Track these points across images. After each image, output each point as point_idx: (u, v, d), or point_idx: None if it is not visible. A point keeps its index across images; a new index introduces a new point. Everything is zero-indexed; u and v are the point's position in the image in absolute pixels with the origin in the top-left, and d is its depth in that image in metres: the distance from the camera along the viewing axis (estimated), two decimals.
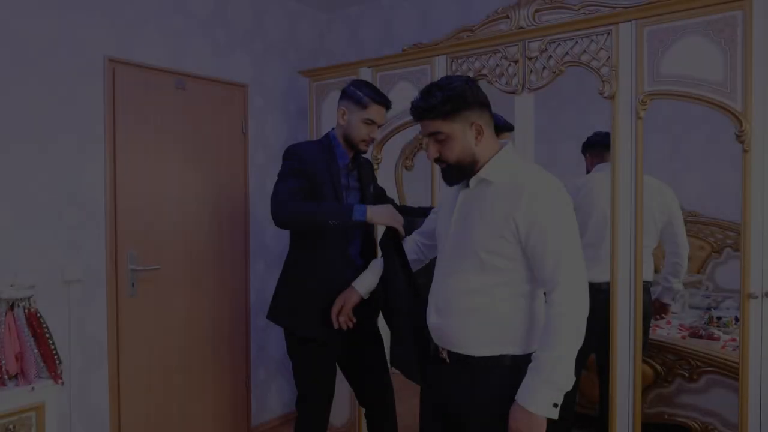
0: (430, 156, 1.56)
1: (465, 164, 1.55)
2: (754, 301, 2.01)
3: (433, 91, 1.51)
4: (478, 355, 1.54)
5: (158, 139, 2.87)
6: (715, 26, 2.06)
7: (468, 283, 1.54)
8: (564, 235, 1.46)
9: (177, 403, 2.97)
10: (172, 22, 2.93)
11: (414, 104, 1.54)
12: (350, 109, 2.22)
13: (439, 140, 1.53)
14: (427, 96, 1.51)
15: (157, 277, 2.87)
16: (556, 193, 1.49)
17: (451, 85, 1.51)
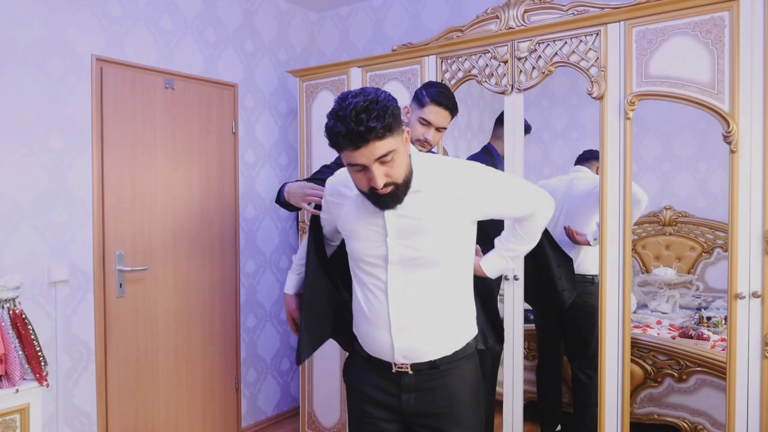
0: (380, 183, 1.34)
1: (408, 180, 1.42)
2: (742, 302, 2.01)
3: (369, 108, 1.28)
4: (448, 353, 1.55)
5: (147, 139, 2.85)
6: (702, 27, 2.07)
7: (432, 294, 1.51)
8: (506, 177, 1.60)
9: (165, 405, 2.95)
10: (161, 22, 2.91)
11: (358, 129, 1.28)
12: (412, 107, 2.09)
13: (385, 162, 1.33)
14: (367, 113, 1.28)
15: (145, 277, 2.85)
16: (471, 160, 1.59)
17: (381, 95, 1.32)
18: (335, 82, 3.05)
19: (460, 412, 1.55)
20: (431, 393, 1.54)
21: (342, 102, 1.32)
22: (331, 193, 1.61)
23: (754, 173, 1.99)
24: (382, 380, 1.57)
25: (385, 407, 1.57)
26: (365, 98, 1.30)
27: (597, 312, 2.64)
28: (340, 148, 1.34)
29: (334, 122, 1.31)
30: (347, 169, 1.41)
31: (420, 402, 1.54)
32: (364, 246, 1.51)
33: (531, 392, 3.23)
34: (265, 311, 3.50)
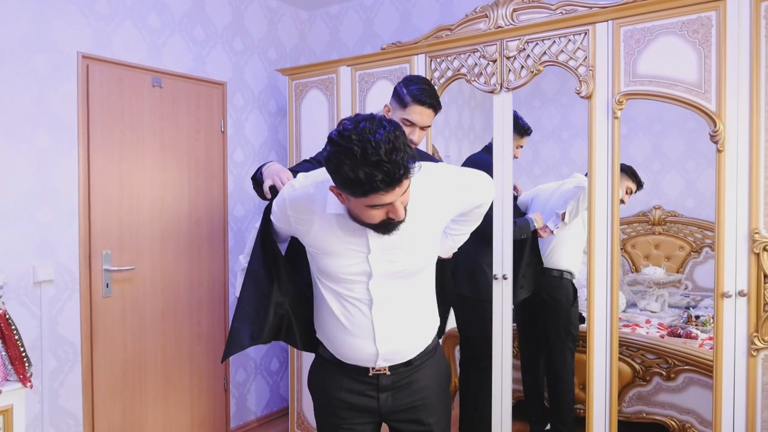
0: (402, 214, 1.30)
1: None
2: (728, 300, 2.02)
3: (397, 143, 1.18)
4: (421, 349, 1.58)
5: (134, 137, 2.83)
6: (690, 27, 2.08)
7: (413, 299, 1.53)
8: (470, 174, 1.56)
9: (153, 406, 2.93)
10: (149, 19, 2.89)
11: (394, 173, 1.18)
12: (393, 106, 1.97)
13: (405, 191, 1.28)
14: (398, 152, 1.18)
15: (132, 277, 2.83)
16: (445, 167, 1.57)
17: (385, 124, 1.21)
18: (324, 81, 3.04)
19: (433, 401, 1.60)
20: (407, 388, 1.56)
21: (364, 143, 1.16)
22: (295, 209, 1.44)
23: (741, 172, 2.00)
24: (358, 384, 1.55)
25: (363, 410, 1.57)
26: (386, 133, 1.17)
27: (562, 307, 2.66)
28: (367, 193, 1.20)
29: (370, 170, 1.16)
30: (356, 206, 1.28)
31: (396, 399, 1.56)
32: (342, 263, 1.44)
33: (517, 391, 3.24)
34: None
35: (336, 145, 1.19)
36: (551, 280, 2.89)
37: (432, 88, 1.96)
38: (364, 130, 1.17)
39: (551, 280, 2.89)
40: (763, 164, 1.96)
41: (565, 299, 2.90)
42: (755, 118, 1.97)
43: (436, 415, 1.61)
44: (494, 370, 2.54)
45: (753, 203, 1.98)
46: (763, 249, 1.96)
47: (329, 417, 1.61)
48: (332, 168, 1.22)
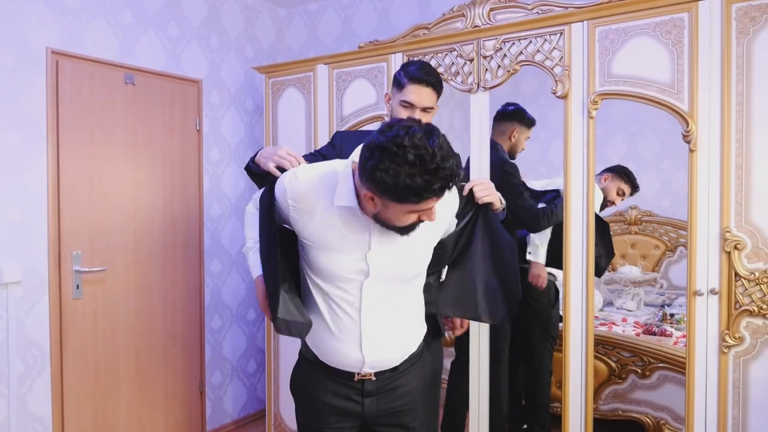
0: (434, 219, 1.32)
1: None
2: (700, 299, 2.05)
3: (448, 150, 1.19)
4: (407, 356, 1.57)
5: (106, 135, 2.77)
6: (663, 28, 2.10)
7: (403, 306, 1.53)
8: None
9: (126, 410, 2.87)
10: (121, 15, 2.83)
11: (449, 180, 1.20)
12: (393, 92, 1.90)
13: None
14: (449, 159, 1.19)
15: (104, 278, 2.76)
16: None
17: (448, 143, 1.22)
18: (301, 80, 3.01)
19: (417, 405, 1.59)
20: (392, 393, 1.55)
21: (420, 150, 1.15)
22: (295, 199, 1.42)
23: (712, 172, 2.02)
24: (342, 387, 1.53)
25: (347, 414, 1.55)
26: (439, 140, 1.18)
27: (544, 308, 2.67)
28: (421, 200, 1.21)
29: (429, 177, 1.16)
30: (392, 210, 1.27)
31: (381, 404, 1.54)
32: (339, 259, 1.41)
33: None
34: (231, 312, 3.44)
35: (387, 152, 1.16)
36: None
37: (432, 68, 1.89)
38: (415, 136, 1.16)
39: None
40: (734, 164, 1.99)
41: (546, 301, 2.90)
42: (726, 119, 1.99)
43: (420, 419, 1.60)
44: (471, 369, 2.54)
45: (724, 202, 2.01)
46: (734, 247, 1.99)
47: (312, 420, 1.58)
48: (381, 176, 1.17)
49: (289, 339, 3.09)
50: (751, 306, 1.98)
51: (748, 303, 1.98)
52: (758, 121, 1.96)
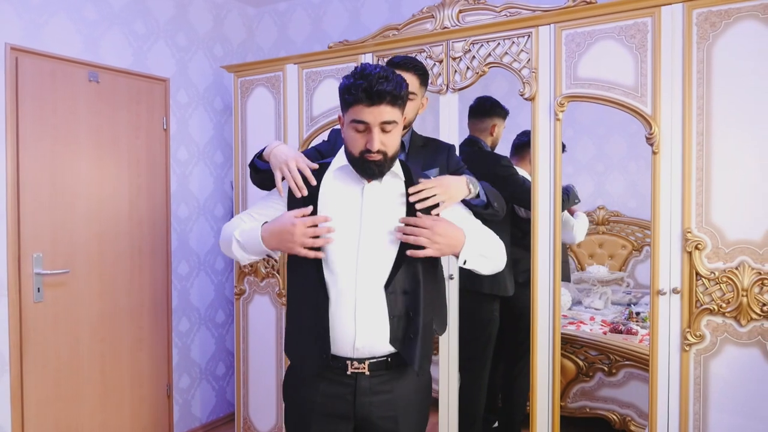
0: (377, 146, 1.42)
1: (394, 158, 1.50)
2: (663, 298, 2.09)
3: (391, 77, 1.41)
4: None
5: (69, 134, 2.70)
6: (627, 32, 2.13)
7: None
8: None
9: (90, 415, 2.80)
10: (85, 11, 2.76)
11: (378, 87, 1.38)
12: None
13: (386, 131, 1.43)
14: (390, 81, 1.40)
15: (67, 281, 2.69)
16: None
17: (397, 75, 1.44)
18: (271, 79, 2.98)
19: (410, 412, 1.57)
20: (385, 395, 1.52)
21: (366, 66, 1.43)
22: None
23: (674, 174, 2.07)
24: (334, 386, 1.52)
25: (339, 416, 1.53)
26: (386, 71, 1.42)
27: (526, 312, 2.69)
28: (353, 102, 1.41)
29: (356, 79, 1.40)
30: (346, 128, 1.48)
31: (374, 406, 1.52)
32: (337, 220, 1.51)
33: None
34: (200, 314, 3.38)
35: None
36: (521, 286, 2.90)
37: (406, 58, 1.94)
38: (373, 65, 1.44)
39: (521, 286, 2.90)
40: (694, 166, 2.04)
41: (529, 303, 2.91)
42: (687, 122, 2.04)
43: (411, 427, 1.57)
44: (441, 368, 2.55)
45: (686, 204, 2.05)
46: (695, 248, 2.03)
47: (302, 423, 1.57)
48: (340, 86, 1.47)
49: (259, 341, 3.06)
50: (711, 305, 2.03)
51: (708, 302, 2.03)
52: (717, 125, 2.01)
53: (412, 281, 1.51)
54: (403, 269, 1.50)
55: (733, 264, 2.00)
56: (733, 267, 2.00)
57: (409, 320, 1.51)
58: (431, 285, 1.59)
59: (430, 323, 1.59)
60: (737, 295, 1.99)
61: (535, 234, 2.30)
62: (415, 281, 1.51)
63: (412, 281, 1.51)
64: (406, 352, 1.51)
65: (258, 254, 1.57)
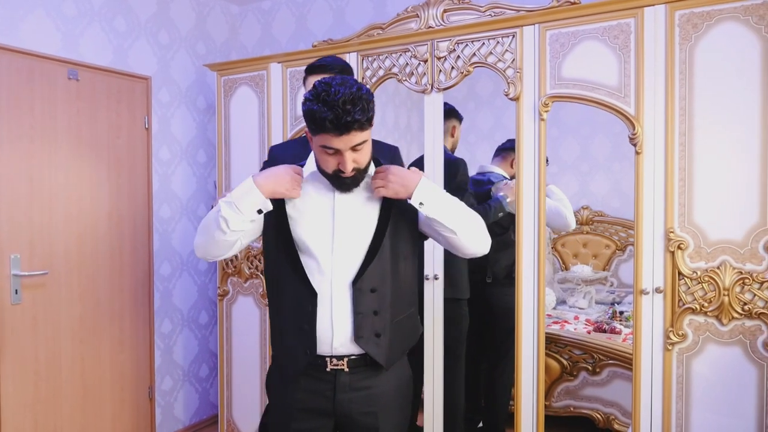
0: (350, 168, 1.41)
1: (368, 165, 1.50)
2: (646, 297, 2.10)
3: (359, 100, 1.35)
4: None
5: (47, 133, 2.65)
6: (610, 32, 2.14)
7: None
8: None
9: (70, 419, 2.75)
10: (63, 7, 2.71)
11: (346, 119, 1.33)
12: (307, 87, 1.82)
13: (357, 150, 1.41)
14: (357, 105, 1.34)
15: (46, 282, 2.64)
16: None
17: (363, 90, 1.38)
18: (254, 78, 2.95)
19: (391, 409, 1.57)
20: (365, 391, 1.53)
21: (329, 88, 1.35)
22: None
23: (657, 174, 2.08)
24: (315, 382, 1.53)
25: (319, 413, 1.54)
26: (351, 90, 1.35)
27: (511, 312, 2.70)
28: (320, 131, 1.38)
29: (321, 107, 1.34)
30: (316, 149, 1.45)
31: (353, 403, 1.52)
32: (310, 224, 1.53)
33: None
34: (182, 315, 3.34)
35: (313, 88, 1.39)
36: (499, 285, 2.90)
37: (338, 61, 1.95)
38: (336, 81, 1.37)
39: (499, 285, 2.90)
40: (677, 166, 2.05)
41: (508, 303, 2.91)
42: (670, 122, 2.05)
43: (392, 423, 1.57)
44: (426, 370, 2.54)
45: (668, 204, 2.06)
46: (678, 247, 2.05)
47: (283, 419, 1.58)
48: (303, 106, 1.41)
49: (243, 342, 3.03)
50: (694, 304, 2.04)
51: (690, 301, 2.05)
52: (699, 125, 2.02)
53: (380, 279, 1.51)
54: (373, 267, 1.50)
55: (714, 263, 2.02)
56: (714, 266, 2.01)
57: (376, 318, 1.50)
58: (402, 283, 1.58)
59: (405, 320, 1.59)
60: (719, 295, 2.00)
61: (519, 233, 2.30)
62: (383, 279, 1.51)
63: (380, 279, 1.51)
64: (372, 349, 1.50)
65: (244, 219, 1.49)
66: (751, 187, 1.96)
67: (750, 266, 1.97)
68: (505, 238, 2.73)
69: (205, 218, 1.58)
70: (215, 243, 1.53)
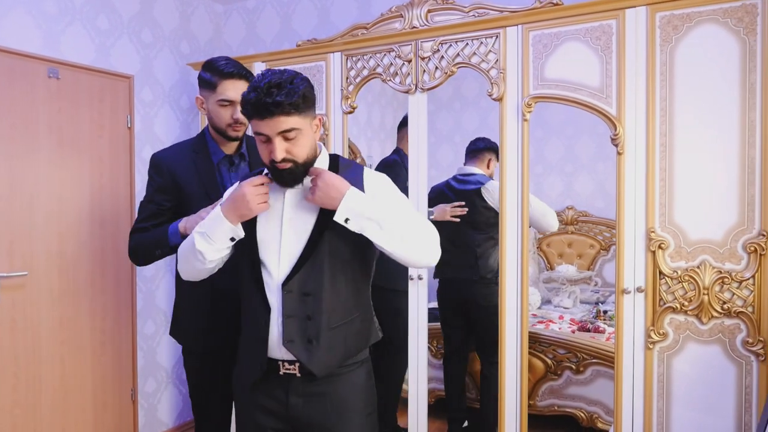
0: (279, 156, 1.39)
1: (309, 162, 1.46)
2: (627, 296, 2.12)
3: (283, 84, 1.36)
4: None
5: (27, 132, 2.61)
6: (592, 33, 2.16)
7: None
8: (402, 197, 1.57)
9: (50, 422, 2.71)
10: (45, 5, 2.67)
11: (265, 100, 1.34)
12: (204, 95, 1.91)
13: (288, 138, 1.39)
14: (278, 88, 1.35)
15: (25, 283, 2.60)
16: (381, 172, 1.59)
17: (297, 78, 1.40)
18: None
19: (352, 420, 1.51)
20: (321, 399, 1.49)
21: (261, 75, 1.40)
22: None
23: (638, 174, 2.10)
24: (269, 383, 1.51)
25: (273, 413, 1.52)
26: (281, 76, 1.38)
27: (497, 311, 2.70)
28: (248, 116, 1.40)
29: (248, 91, 1.38)
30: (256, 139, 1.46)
31: (309, 409, 1.49)
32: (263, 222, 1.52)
33: (438, 390, 3.27)
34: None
35: None
36: (486, 284, 2.90)
37: (237, 61, 1.91)
38: (273, 71, 1.41)
39: (486, 284, 2.90)
40: (657, 167, 2.07)
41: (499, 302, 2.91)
42: (651, 123, 2.07)
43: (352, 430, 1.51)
44: (410, 369, 2.54)
45: (649, 204, 2.08)
46: (659, 247, 2.07)
47: (243, 416, 1.58)
48: None
49: None
50: (674, 303, 2.06)
51: (671, 300, 2.07)
52: (679, 126, 2.04)
53: (315, 283, 1.46)
54: (306, 270, 1.46)
55: (694, 263, 2.04)
56: (694, 266, 2.04)
57: (309, 323, 1.46)
58: (344, 288, 1.51)
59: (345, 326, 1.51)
60: (699, 294, 2.02)
61: (503, 234, 2.31)
62: (318, 283, 1.46)
63: (315, 283, 1.46)
64: (302, 355, 1.45)
65: (218, 248, 1.50)
66: (730, 187, 1.99)
67: (729, 266, 2.00)
68: (492, 232, 2.76)
69: (182, 246, 1.60)
70: (197, 271, 1.57)
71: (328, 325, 1.47)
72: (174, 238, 1.82)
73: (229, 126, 1.89)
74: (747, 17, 1.94)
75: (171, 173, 1.92)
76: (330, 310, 1.47)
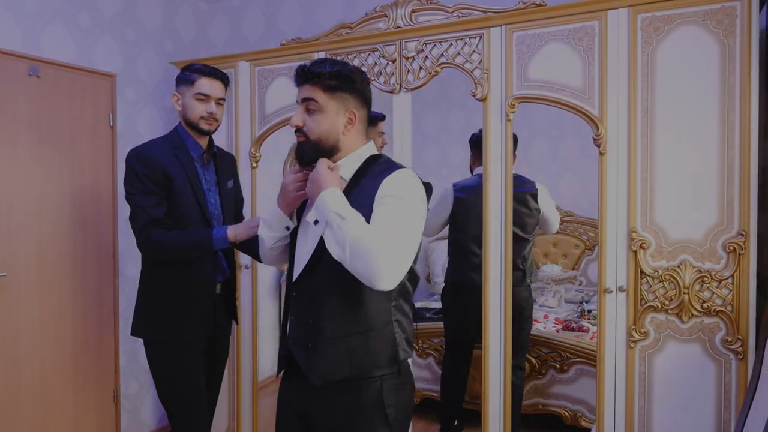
0: (294, 122, 1.46)
1: (324, 146, 1.45)
2: (610, 296, 2.13)
3: (326, 61, 1.46)
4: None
5: (7, 131, 2.57)
6: (575, 35, 2.17)
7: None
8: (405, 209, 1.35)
9: (29, 425, 2.67)
10: (25, 2, 2.64)
11: (301, 66, 1.47)
12: (181, 91, 2.11)
13: (309, 109, 1.45)
14: (319, 63, 1.46)
15: (4, 285, 2.56)
16: (412, 179, 1.42)
17: (346, 66, 1.47)
18: None
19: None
20: (330, 406, 1.47)
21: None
22: None
23: (620, 175, 2.11)
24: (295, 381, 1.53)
25: (297, 414, 1.54)
26: (334, 60, 1.49)
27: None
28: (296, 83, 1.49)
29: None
30: None
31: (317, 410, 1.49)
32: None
33: (424, 390, 3.27)
34: None
35: None
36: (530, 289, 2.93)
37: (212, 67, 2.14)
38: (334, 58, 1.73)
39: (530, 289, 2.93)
40: (639, 167, 2.09)
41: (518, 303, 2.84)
42: (632, 124, 2.09)
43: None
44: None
45: (631, 204, 2.10)
46: (640, 247, 2.08)
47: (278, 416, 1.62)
48: None
49: None
50: (655, 302, 2.08)
51: (652, 299, 2.09)
52: (660, 127, 2.06)
53: (318, 288, 1.44)
54: (313, 274, 1.45)
55: (675, 262, 2.06)
56: (675, 265, 2.06)
57: (311, 327, 1.44)
58: (348, 297, 1.42)
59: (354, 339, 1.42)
60: (679, 293, 2.04)
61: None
62: (321, 288, 1.43)
63: (318, 288, 1.44)
64: (301, 358, 1.45)
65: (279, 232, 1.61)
66: (710, 187, 2.01)
67: (709, 265, 2.02)
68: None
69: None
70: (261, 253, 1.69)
71: (328, 333, 1.41)
72: (219, 244, 1.98)
73: (202, 119, 2.07)
74: (726, 19, 1.96)
75: (161, 167, 2.01)
76: (330, 318, 1.41)
